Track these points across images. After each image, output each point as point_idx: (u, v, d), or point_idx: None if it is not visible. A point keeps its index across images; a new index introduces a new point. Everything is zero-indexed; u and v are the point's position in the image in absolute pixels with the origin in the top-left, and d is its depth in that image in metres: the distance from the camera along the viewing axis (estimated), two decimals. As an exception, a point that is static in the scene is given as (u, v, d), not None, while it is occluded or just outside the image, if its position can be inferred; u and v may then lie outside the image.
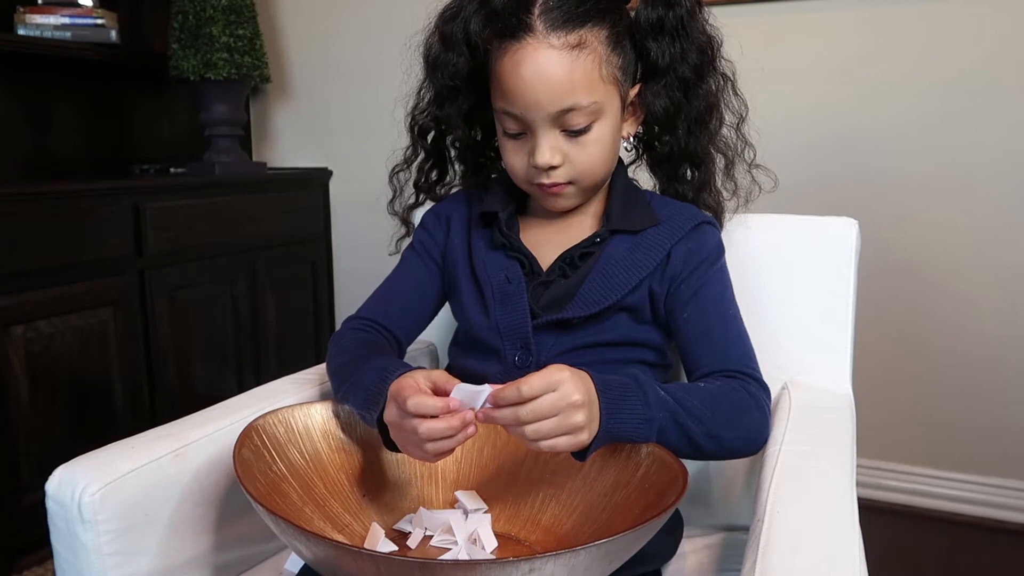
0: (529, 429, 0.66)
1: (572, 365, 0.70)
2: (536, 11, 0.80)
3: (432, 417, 0.68)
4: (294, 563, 0.88)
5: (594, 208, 0.93)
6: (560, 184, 0.86)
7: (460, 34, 0.89)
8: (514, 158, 0.87)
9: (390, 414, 0.73)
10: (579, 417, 0.67)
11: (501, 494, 0.83)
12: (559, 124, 0.82)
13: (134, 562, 0.78)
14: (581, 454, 0.71)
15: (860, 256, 1.01)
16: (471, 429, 0.69)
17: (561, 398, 0.66)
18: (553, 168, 0.84)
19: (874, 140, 1.74)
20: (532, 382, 0.66)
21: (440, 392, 0.70)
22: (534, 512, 0.80)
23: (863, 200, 1.75)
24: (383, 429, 0.76)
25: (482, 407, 0.68)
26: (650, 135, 0.95)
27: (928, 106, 1.70)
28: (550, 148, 0.83)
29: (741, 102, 0.94)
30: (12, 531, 1.57)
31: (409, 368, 0.77)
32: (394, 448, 0.76)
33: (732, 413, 0.78)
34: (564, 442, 0.68)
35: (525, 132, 0.84)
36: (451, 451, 0.71)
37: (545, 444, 0.67)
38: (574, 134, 0.83)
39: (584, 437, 0.69)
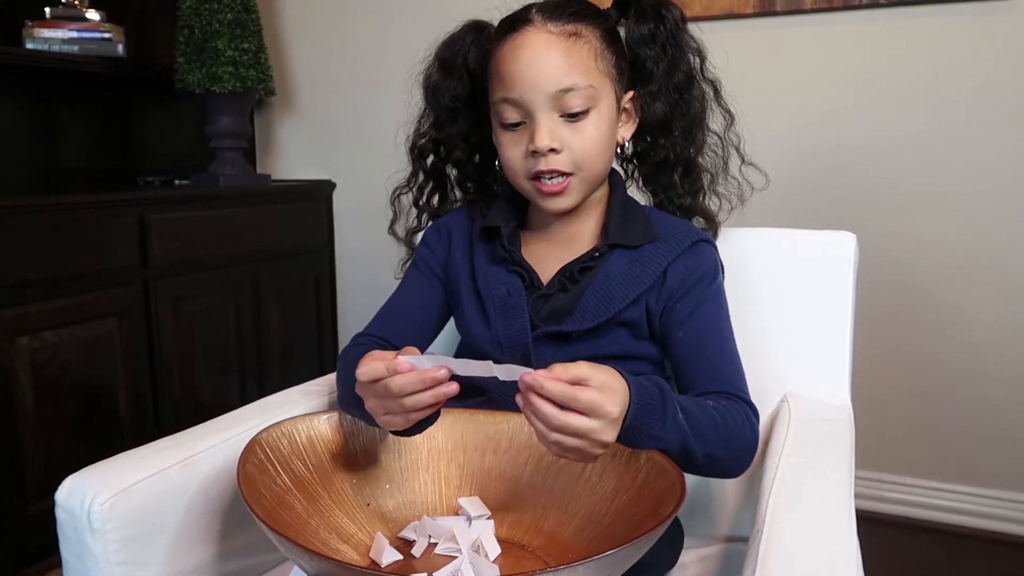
0: (553, 437, 0.65)
1: None
2: (534, 9, 0.87)
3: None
4: (299, 574, 0.88)
5: (593, 223, 0.94)
6: (558, 180, 0.86)
7: (460, 60, 0.94)
8: (511, 151, 0.88)
9: (357, 388, 0.73)
10: (599, 451, 0.67)
11: (504, 500, 0.84)
12: (557, 107, 0.84)
13: (141, 571, 0.79)
14: None
15: (859, 269, 1.03)
16: (452, 387, 0.68)
17: (596, 431, 0.65)
18: (552, 152, 0.84)
19: (873, 155, 1.76)
20: (582, 395, 0.64)
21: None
22: (536, 518, 0.81)
23: (862, 214, 1.76)
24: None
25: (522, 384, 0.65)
26: (643, 144, 0.97)
27: (928, 122, 1.71)
28: (548, 131, 0.84)
29: (727, 107, 0.98)
30: (17, 539, 1.58)
31: None
32: (399, 433, 0.78)
33: (731, 437, 0.80)
34: (573, 456, 0.67)
35: (523, 121, 0.86)
36: (429, 406, 0.70)
37: (555, 452, 0.67)
38: (572, 118, 0.85)
39: (591, 461, 0.69)
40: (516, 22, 0.86)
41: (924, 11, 1.68)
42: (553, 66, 0.83)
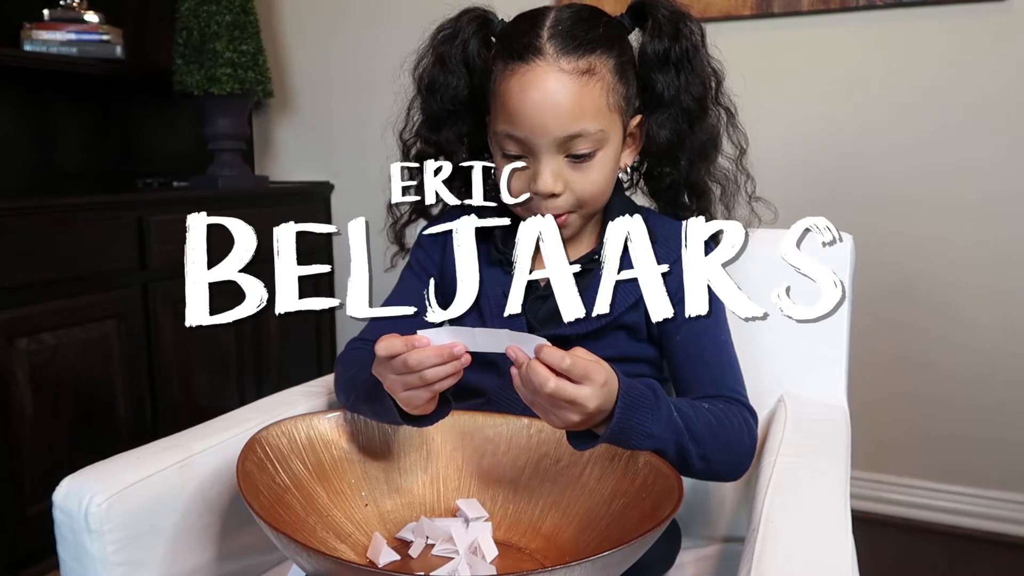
0: (526, 395, 0.67)
1: None
2: (545, 34, 0.80)
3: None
4: (297, 573, 0.88)
5: (592, 224, 0.93)
6: (560, 216, 0.84)
7: (459, 56, 0.89)
8: (512, 183, 0.86)
9: (375, 368, 0.73)
10: (575, 418, 0.67)
11: (502, 502, 0.84)
12: (563, 149, 0.82)
13: (139, 572, 0.79)
14: (581, 444, 0.72)
15: (856, 271, 1.03)
16: (467, 358, 0.70)
17: (585, 397, 0.66)
18: (554, 196, 0.83)
19: (870, 156, 1.76)
20: (576, 364, 0.66)
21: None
22: (534, 520, 0.81)
23: (859, 215, 1.76)
24: (402, 412, 0.76)
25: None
26: (651, 165, 0.96)
27: (926, 123, 1.71)
28: (552, 174, 0.82)
29: (742, 135, 0.95)
30: (14, 542, 1.58)
31: None
32: (412, 422, 0.77)
33: (727, 439, 0.80)
34: (546, 417, 0.69)
35: (526, 156, 0.83)
36: (449, 377, 0.70)
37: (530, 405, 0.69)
38: (577, 159, 0.82)
39: (560, 426, 0.70)
40: (525, 51, 0.80)
41: (922, 12, 1.68)
42: (563, 111, 0.79)
